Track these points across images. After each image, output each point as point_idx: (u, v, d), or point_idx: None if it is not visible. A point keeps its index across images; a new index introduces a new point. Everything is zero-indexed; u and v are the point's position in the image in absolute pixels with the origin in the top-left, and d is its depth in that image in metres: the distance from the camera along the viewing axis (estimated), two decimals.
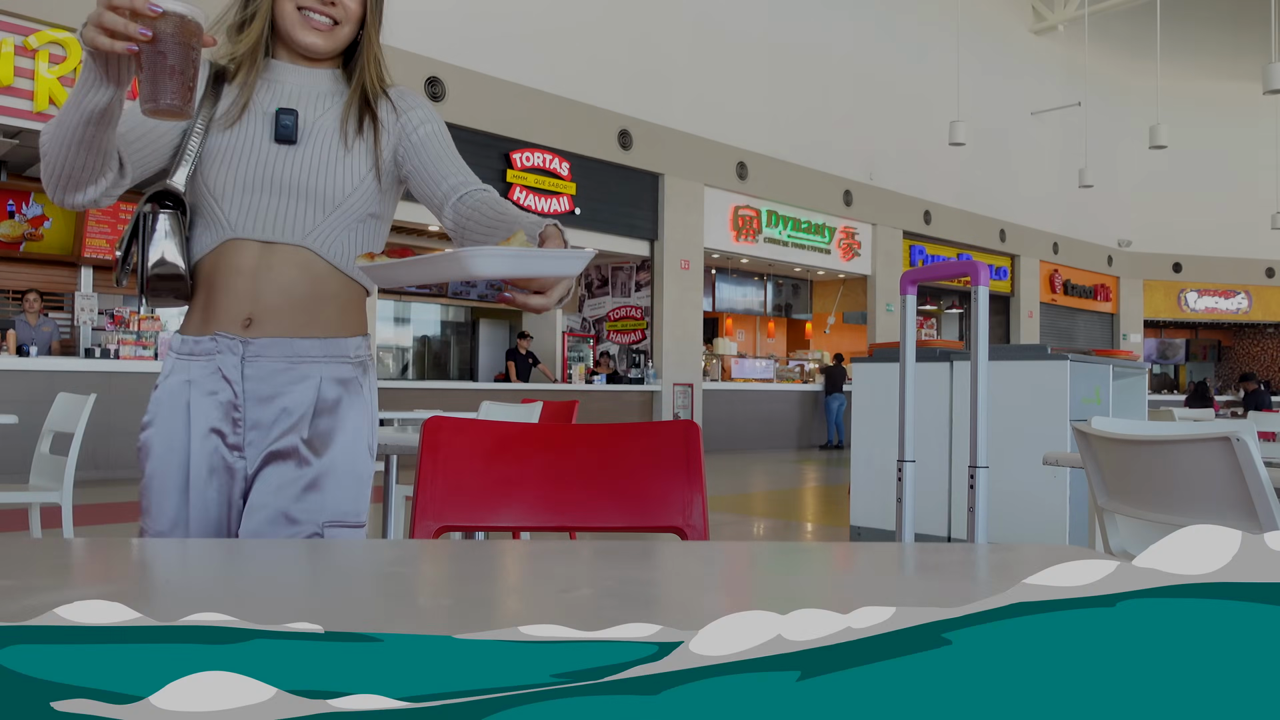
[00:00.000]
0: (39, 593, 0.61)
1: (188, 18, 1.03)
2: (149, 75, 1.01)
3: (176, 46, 1.02)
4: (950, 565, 0.75)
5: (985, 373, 2.07)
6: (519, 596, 0.63)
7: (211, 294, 1.31)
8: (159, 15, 1.00)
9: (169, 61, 1.02)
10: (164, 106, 1.02)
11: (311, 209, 1.33)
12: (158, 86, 1.02)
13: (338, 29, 1.35)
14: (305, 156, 1.33)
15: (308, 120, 1.36)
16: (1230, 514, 1.71)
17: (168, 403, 1.35)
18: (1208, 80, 18.33)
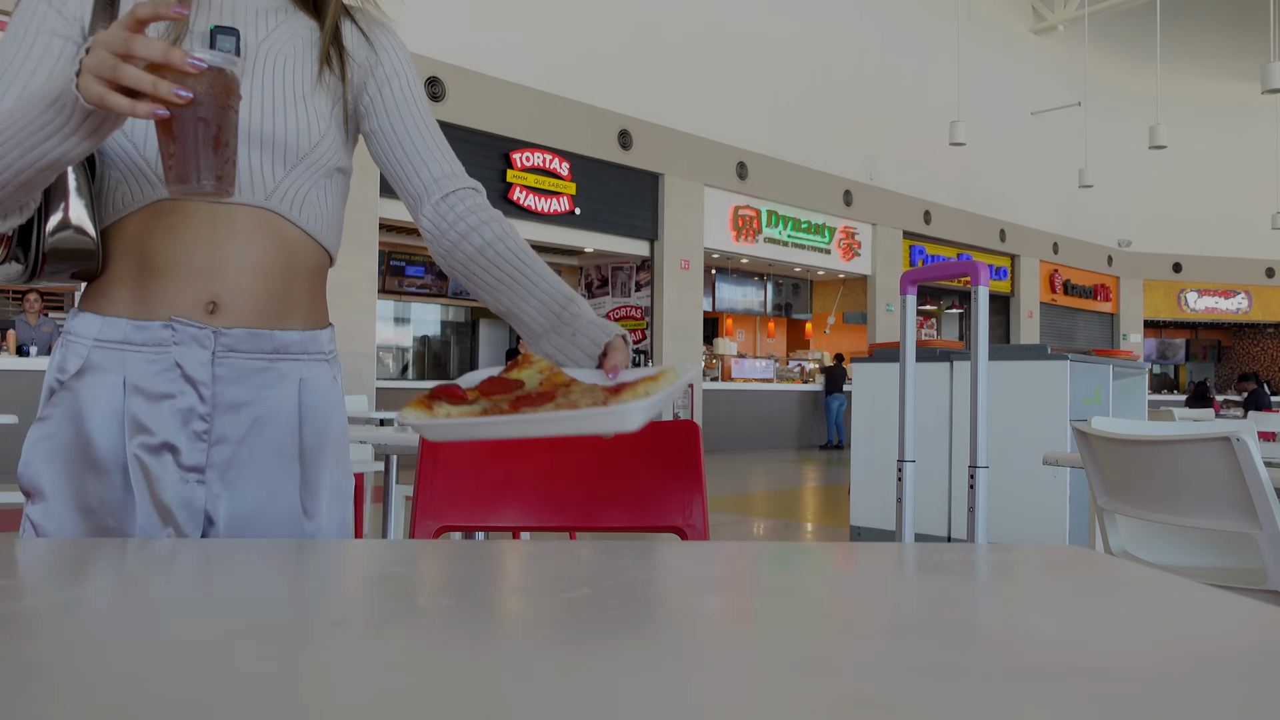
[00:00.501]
0: (39, 593, 0.61)
1: (226, 71, 0.83)
2: (180, 147, 0.81)
3: (216, 110, 0.82)
4: (950, 565, 0.75)
5: (985, 373, 2.07)
6: (519, 597, 0.63)
7: (147, 268, 1.01)
8: (200, 72, 0.80)
9: (210, 130, 0.82)
10: (201, 188, 0.82)
11: (270, 160, 1.05)
12: (191, 162, 0.82)
13: None
14: (255, 92, 1.04)
15: (250, 43, 1.06)
16: (1230, 514, 1.72)
17: (88, 409, 1.00)
18: (1208, 80, 18.33)
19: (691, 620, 0.58)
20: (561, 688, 0.43)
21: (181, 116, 0.80)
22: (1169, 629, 0.57)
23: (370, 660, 0.47)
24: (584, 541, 0.84)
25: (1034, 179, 16.58)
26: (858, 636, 0.54)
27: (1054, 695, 0.42)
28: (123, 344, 1.00)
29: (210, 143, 0.81)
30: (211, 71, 0.81)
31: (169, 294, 1.00)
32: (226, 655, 0.47)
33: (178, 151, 0.82)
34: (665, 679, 0.43)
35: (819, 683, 0.44)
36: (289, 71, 1.07)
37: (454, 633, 0.53)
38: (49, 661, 0.45)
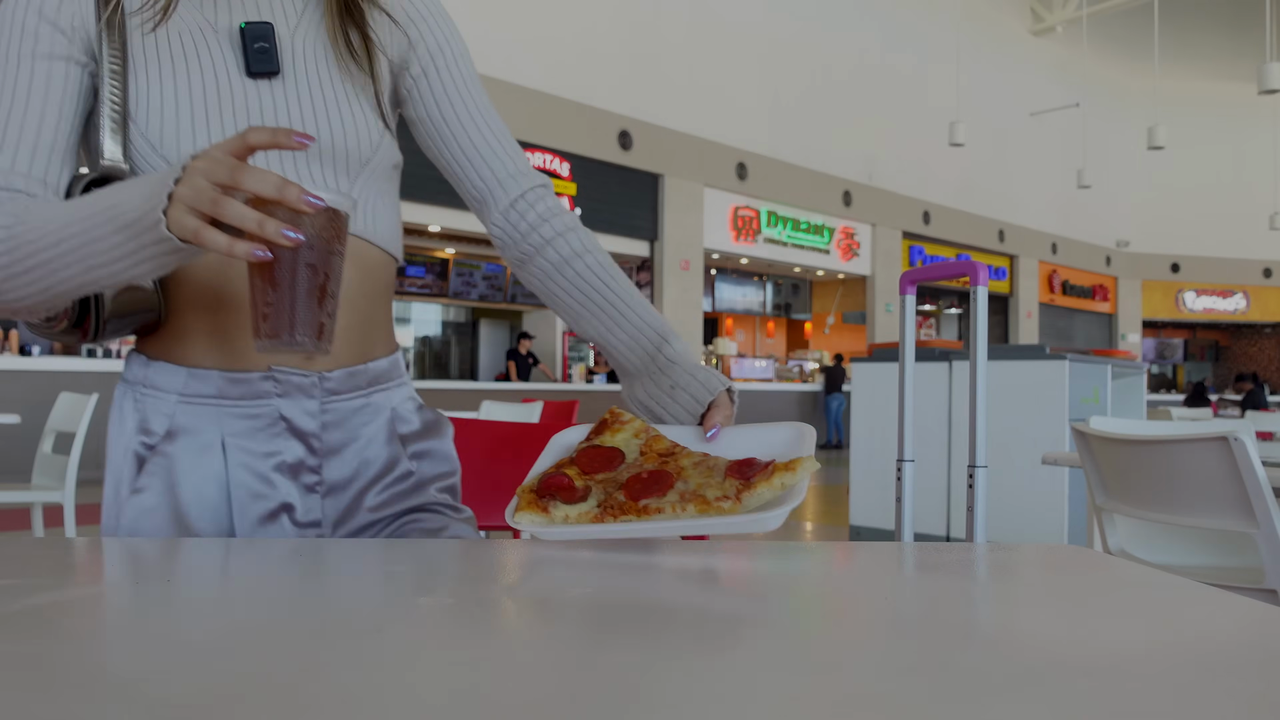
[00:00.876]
0: (39, 592, 0.61)
1: (340, 212, 0.72)
2: (279, 296, 0.70)
3: (324, 254, 0.71)
4: (949, 565, 0.75)
5: (984, 373, 2.07)
6: (519, 596, 0.64)
7: (228, 313, 0.88)
8: (315, 211, 0.69)
9: (315, 279, 0.70)
10: (297, 345, 0.71)
11: (333, 174, 0.91)
12: (287, 315, 0.70)
13: None
14: (299, 94, 0.89)
15: (281, 36, 0.91)
16: (1228, 513, 1.72)
17: (187, 476, 0.88)
18: (1206, 81, 18.34)
19: (691, 620, 0.58)
20: (561, 687, 0.43)
21: (284, 261, 0.69)
22: (1167, 628, 0.58)
23: (370, 660, 0.47)
24: (584, 542, 0.85)
25: (1033, 179, 16.58)
26: (857, 636, 0.55)
27: (1053, 695, 0.42)
28: (217, 399, 0.88)
29: (315, 292, 0.70)
30: (325, 210, 0.70)
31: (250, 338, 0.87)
32: (227, 655, 0.47)
33: (275, 301, 0.70)
34: (665, 679, 0.43)
35: (819, 682, 0.44)
36: (331, 64, 0.92)
37: (454, 633, 0.53)
38: (49, 660, 0.46)
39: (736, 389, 0.93)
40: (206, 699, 0.40)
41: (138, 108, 0.85)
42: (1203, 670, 0.47)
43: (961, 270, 2.15)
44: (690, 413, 0.91)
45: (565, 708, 0.39)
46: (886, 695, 0.42)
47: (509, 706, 0.40)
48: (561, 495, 0.77)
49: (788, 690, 0.42)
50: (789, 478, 0.72)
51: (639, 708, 0.39)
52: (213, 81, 0.87)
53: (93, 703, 0.40)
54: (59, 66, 0.84)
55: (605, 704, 0.40)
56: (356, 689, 0.43)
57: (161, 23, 0.86)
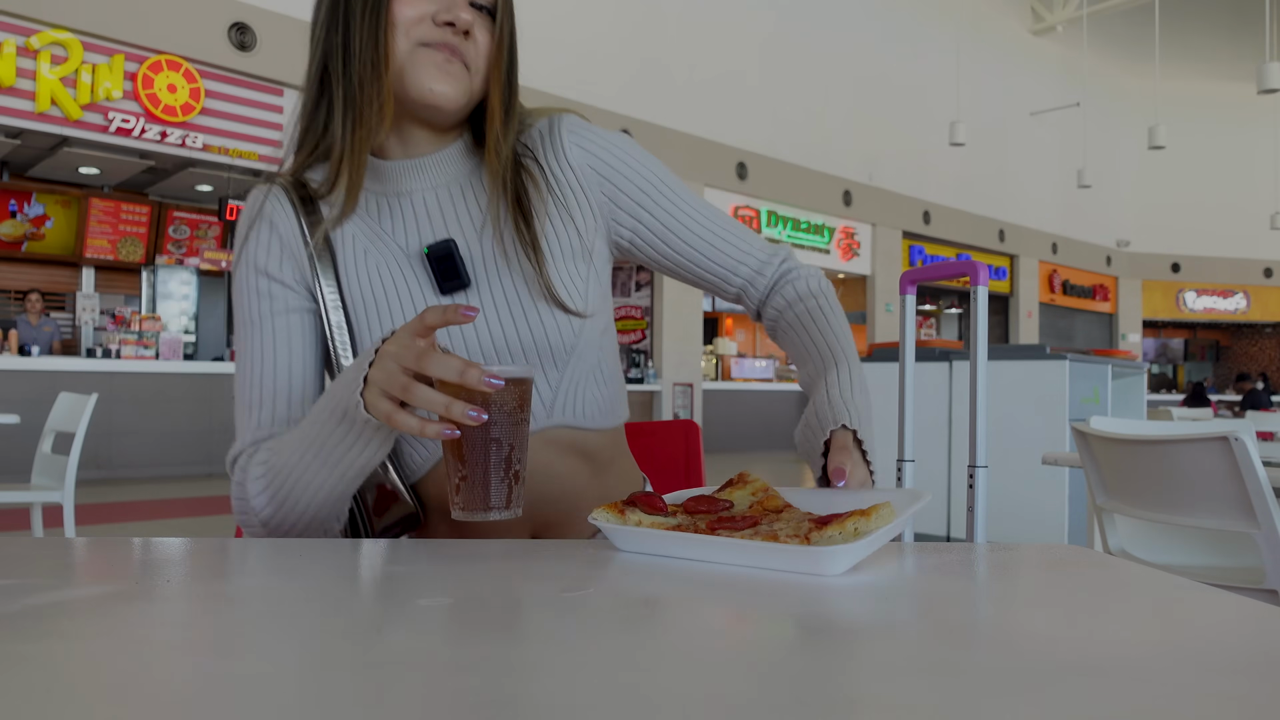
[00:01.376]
0: (39, 592, 0.61)
1: (523, 380, 0.75)
2: (470, 470, 0.73)
3: (509, 426, 0.74)
4: (949, 565, 0.75)
5: (984, 373, 2.07)
6: (520, 597, 0.64)
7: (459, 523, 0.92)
8: (495, 390, 0.72)
9: (501, 451, 0.74)
10: (489, 510, 0.74)
11: (537, 373, 0.94)
12: (480, 488, 0.74)
13: (469, 79, 0.93)
14: (495, 301, 0.92)
15: (469, 242, 0.94)
16: (1228, 513, 1.72)
17: None
18: (1206, 81, 18.33)
19: (691, 620, 0.58)
20: (561, 687, 0.43)
21: (472, 437, 0.73)
22: (1167, 628, 0.58)
23: (370, 660, 0.47)
24: (584, 541, 0.85)
25: (1033, 179, 16.58)
26: (858, 636, 0.54)
27: (1053, 694, 0.42)
28: None
29: (502, 464, 0.74)
30: (514, 385, 0.73)
31: (499, 534, 0.93)
32: (227, 655, 0.47)
33: (468, 474, 0.74)
34: (665, 679, 0.43)
35: (819, 682, 0.44)
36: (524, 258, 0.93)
37: (454, 632, 0.53)
38: (49, 660, 0.46)
39: (861, 430, 0.87)
40: (206, 699, 0.40)
41: (360, 340, 0.93)
42: (1203, 670, 0.47)
43: (961, 270, 2.15)
44: (812, 451, 0.88)
45: (565, 708, 0.39)
46: (887, 696, 0.42)
47: (509, 706, 0.40)
48: (644, 506, 0.78)
49: (788, 691, 0.42)
50: (863, 523, 0.70)
51: (638, 708, 0.39)
52: (411, 306, 0.92)
53: (93, 703, 0.40)
54: (294, 319, 0.93)
55: (605, 704, 0.40)
56: (357, 689, 0.43)
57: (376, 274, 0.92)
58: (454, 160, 0.97)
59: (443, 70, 0.91)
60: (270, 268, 0.93)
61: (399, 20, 0.89)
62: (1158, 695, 0.42)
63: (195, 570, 0.72)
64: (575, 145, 0.99)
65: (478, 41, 0.93)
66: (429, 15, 0.90)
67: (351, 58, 0.89)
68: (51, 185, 8.90)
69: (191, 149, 7.73)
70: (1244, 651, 0.52)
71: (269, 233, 0.94)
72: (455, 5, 0.91)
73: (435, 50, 0.90)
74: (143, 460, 7.67)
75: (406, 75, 0.90)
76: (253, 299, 0.93)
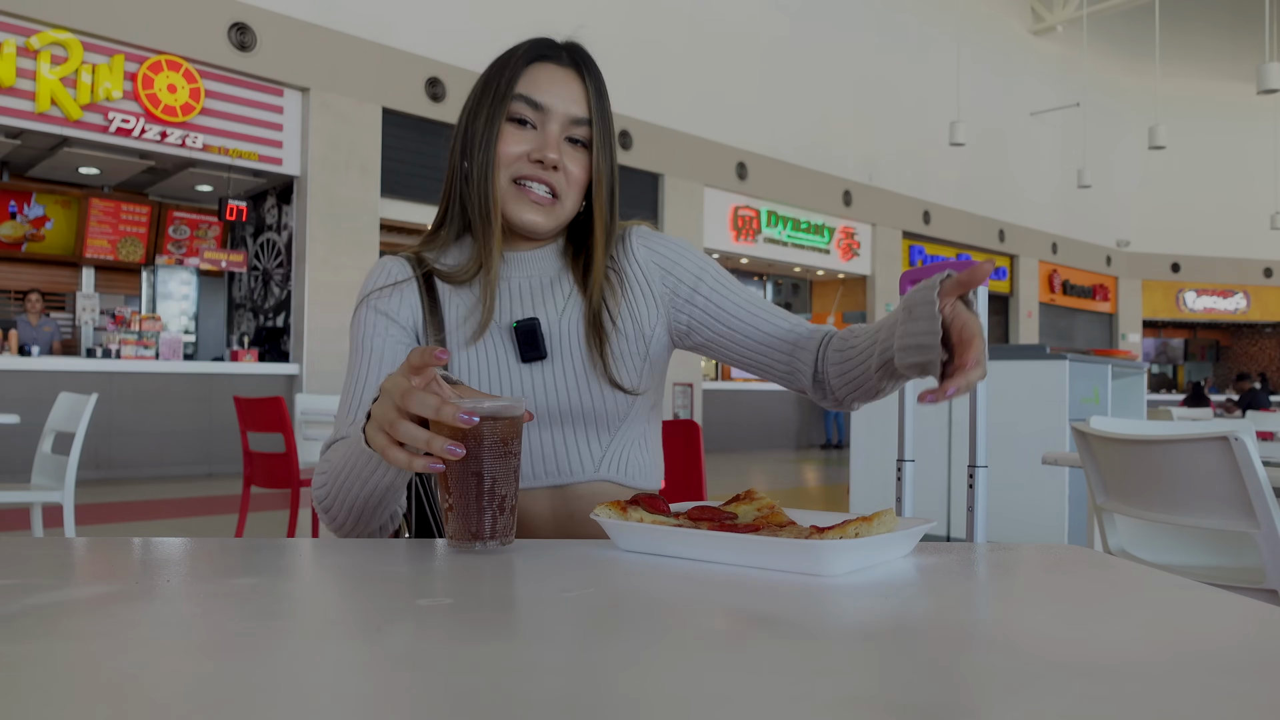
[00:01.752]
0: (39, 592, 0.61)
1: (508, 416, 0.80)
2: (456, 500, 0.79)
3: (493, 460, 0.79)
4: (949, 565, 0.75)
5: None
6: (519, 597, 0.64)
7: None
8: (474, 425, 0.77)
9: (484, 484, 0.78)
10: (474, 548, 0.79)
11: (594, 434, 1.11)
12: (465, 519, 0.79)
13: (559, 204, 1.11)
14: (562, 372, 1.10)
15: (550, 322, 1.12)
16: (1228, 513, 1.72)
17: None
18: (1206, 81, 18.33)
19: (692, 620, 0.58)
20: (561, 688, 0.43)
21: (456, 470, 0.78)
22: (1167, 628, 0.58)
23: (370, 660, 0.47)
24: (584, 541, 0.85)
25: (1033, 179, 16.58)
26: (858, 636, 0.54)
27: (1053, 695, 0.42)
28: None
29: (485, 496, 0.78)
30: (496, 420, 0.78)
31: None
32: (227, 655, 0.47)
33: (454, 504, 0.79)
34: (665, 679, 0.43)
35: (819, 683, 0.44)
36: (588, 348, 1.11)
37: (454, 632, 0.53)
38: (46, 661, 0.45)
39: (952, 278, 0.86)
40: (206, 699, 0.40)
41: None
42: (1203, 670, 0.47)
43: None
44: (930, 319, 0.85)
45: (565, 708, 0.39)
46: (887, 696, 0.42)
47: (509, 706, 0.40)
48: (647, 507, 0.80)
49: (789, 691, 0.42)
50: (864, 528, 0.71)
51: (638, 708, 0.39)
52: (493, 367, 1.10)
53: (93, 703, 0.40)
54: (401, 350, 1.10)
55: (604, 704, 0.40)
56: (357, 689, 0.43)
57: (473, 341, 1.10)
58: (548, 259, 1.17)
59: (534, 203, 1.10)
60: (389, 309, 1.12)
61: (502, 157, 1.10)
62: (1158, 695, 0.42)
63: (195, 570, 0.72)
64: (643, 247, 1.18)
65: (568, 172, 1.11)
66: (525, 154, 1.10)
67: (470, 185, 1.11)
68: (51, 185, 8.90)
69: (191, 149, 7.73)
70: (1244, 651, 0.52)
71: (393, 289, 1.14)
72: (547, 145, 1.09)
73: (529, 185, 1.10)
74: (142, 460, 7.67)
75: (506, 205, 1.11)
76: (370, 330, 1.11)
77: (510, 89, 1.11)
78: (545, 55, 1.16)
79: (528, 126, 1.11)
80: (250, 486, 3.90)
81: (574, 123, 1.12)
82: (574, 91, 1.13)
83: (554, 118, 1.11)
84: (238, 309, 9.53)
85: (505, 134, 1.10)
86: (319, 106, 8.31)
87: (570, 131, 1.12)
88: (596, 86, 1.15)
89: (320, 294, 8.35)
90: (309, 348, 8.31)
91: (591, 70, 1.16)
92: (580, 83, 1.14)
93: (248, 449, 3.88)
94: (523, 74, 1.13)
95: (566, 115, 1.11)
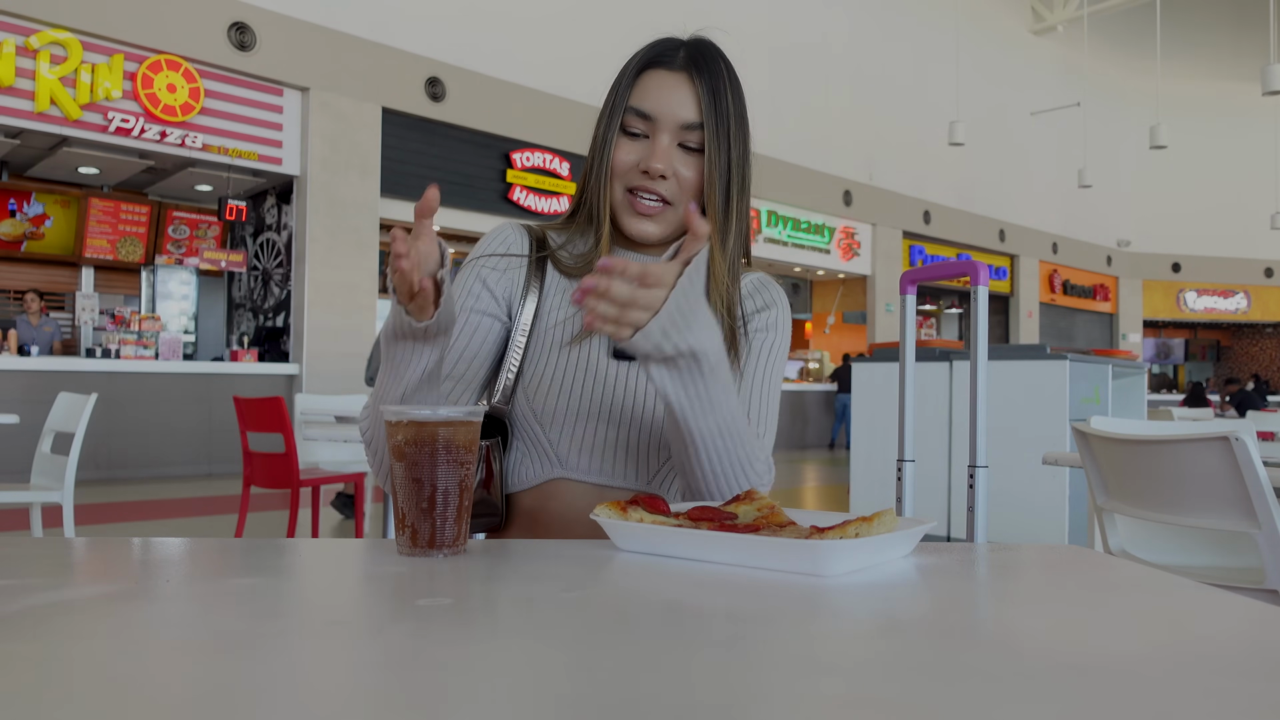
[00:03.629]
0: (39, 592, 0.61)
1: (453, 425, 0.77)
2: (406, 503, 0.76)
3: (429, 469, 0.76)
4: (950, 565, 0.75)
5: (985, 372, 2.07)
6: (519, 597, 0.63)
7: (536, 526, 1.11)
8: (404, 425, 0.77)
9: (424, 491, 0.76)
10: (413, 544, 0.76)
11: (654, 445, 1.10)
12: (416, 526, 0.76)
13: (671, 209, 1.11)
14: (647, 381, 1.09)
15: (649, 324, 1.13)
16: (1228, 513, 1.72)
17: None
18: (1207, 81, 18.33)
19: (691, 620, 0.58)
20: (561, 687, 0.43)
21: (400, 475, 0.76)
22: (1168, 628, 0.57)
23: (370, 660, 0.47)
24: (584, 541, 0.84)
25: (1033, 179, 16.58)
26: (858, 636, 0.54)
27: (1054, 695, 0.42)
28: None
29: (424, 503, 0.75)
30: (425, 424, 0.76)
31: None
32: (227, 654, 0.47)
33: (399, 511, 0.77)
34: (665, 678, 0.43)
35: (819, 683, 0.44)
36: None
37: (454, 633, 0.53)
38: (46, 661, 0.45)
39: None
40: (206, 699, 0.40)
41: (529, 373, 1.11)
42: (1203, 670, 0.46)
43: (962, 270, 2.15)
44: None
45: (565, 707, 0.39)
46: (887, 695, 0.42)
47: (509, 706, 0.40)
48: (647, 507, 0.80)
49: (789, 691, 0.42)
50: (864, 528, 0.71)
51: (638, 708, 0.39)
52: (583, 361, 1.10)
53: (92, 703, 0.40)
54: (486, 321, 1.12)
55: (604, 703, 0.40)
56: (357, 689, 0.43)
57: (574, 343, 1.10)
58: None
59: (642, 214, 1.11)
60: (490, 279, 1.13)
61: (616, 167, 1.11)
62: (1158, 695, 0.42)
63: (195, 570, 0.72)
64: (754, 293, 1.22)
65: (680, 177, 1.10)
66: (636, 164, 1.10)
67: (593, 191, 1.13)
68: (51, 185, 8.90)
69: (191, 149, 7.73)
70: (1244, 651, 0.52)
71: (504, 259, 1.15)
72: (654, 155, 1.09)
73: (639, 196, 1.10)
74: (142, 460, 7.67)
75: (619, 215, 1.12)
76: (463, 294, 1.12)
77: (623, 100, 1.13)
78: (658, 61, 1.16)
79: (640, 137, 1.11)
80: (250, 486, 3.90)
81: (685, 128, 1.11)
82: (683, 96, 1.12)
83: (663, 127, 1.11)
84: (237, 309, 9.53)
85: (619, 146, 1.11)
86: (319, 106, 8.31)
87: (682, 138, 1.11)
88: (711, 86, 1.13)
89: (320, 294, 8.36)
90: (309, 348, 8.31)
91: (706, 70, 1.14)
92: (690, 86, 1.12)
93: (247, 449, 3.88)
94: (635, 83, 1.14)
95: (676, 122, 1.11)
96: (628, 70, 1.15)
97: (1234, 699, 0.42)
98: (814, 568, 0.67)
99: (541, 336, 1.12)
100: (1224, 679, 0.45)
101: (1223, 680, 0.45)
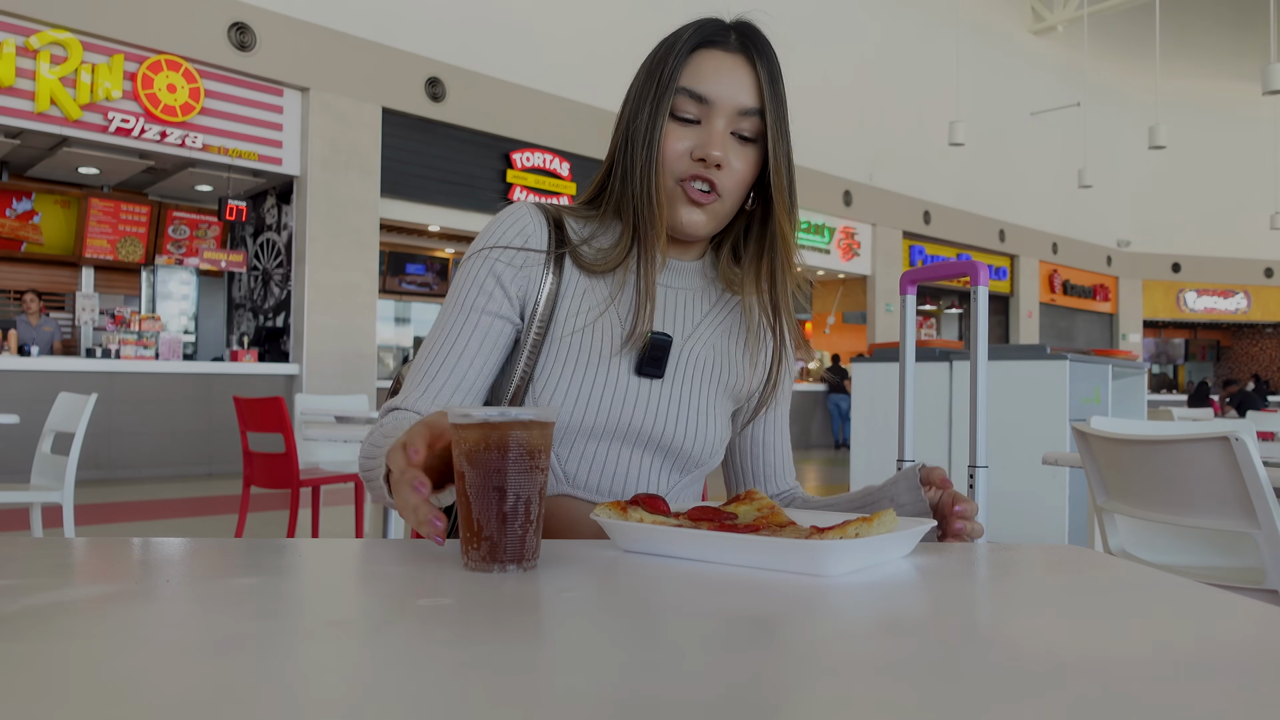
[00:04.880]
0: (39, 592, 0.61)
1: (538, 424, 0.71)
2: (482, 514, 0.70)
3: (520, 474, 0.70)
4: (950, 565, 0.75)
5: (985, 373, 2.07)
6: (518, 597, 0.63)
7: (556, 530, 1.03)
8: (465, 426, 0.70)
9: (506, 500, 0.70)
10: (478, 559, 0.70)
11: (667, 469, 1.05)
12: (491, 533, 0.70)
13: (719, 201, 1.03)
14: (671, 399, 1.03)
15: (678, 342, 1.05)
16: (1229, 513, 1.72)
17: None
18: (1207, 81, 18.33)
19: (691, 620, 0.58)
20: (560, 687, 0.43)
21: (474, 483, 0.70)
22: (1168, 628, 0.57)
23: (370, 660, 0.47)
24: (584, 541, 0.84)
25: (1033, 179, 16.57)
26: (858, 636, 0.54)
27: (1054, 695, 0.42)
28: None
29: (510, 513, 0.70)
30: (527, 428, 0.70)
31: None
32: (227, 655, 0.47)
33: (477, 522, 0.70)
34: (664, 679, 0.43)
35: (819, 683, 0.44)
36: (706, 377, 1.07)
37: (454, 633, 0.53)
38: (49, 660, 0.45)
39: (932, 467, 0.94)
40: (206, 699, 0.40)
41: (540, 377, 1.02)
42: (1203, 670, 0.46)
43: (962, 270, 2.15)
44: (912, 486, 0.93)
45: (564, 707, 0.39)
46: (887, 695, 0.42)
47: (508, 705, 0.40)
48: (646, 507, 0.79)
49: (789, 691, 0.42)
50: (864, 528, 0.70)
51: (637, 707, 0.39)
52: (604, 372, 1.01)
53: (92, 703, 0.40)
54: (498, 324, 1.02)
55: (604, 703, 0.40)
56: (358, 689, 0.43)
57: (587, 326, 1.02)
58: (693, 274, 1.11)
59: (693, 202, 1.02)
60: (504, 276, 1.03)
61: (667, 154, 1.01)
62: (1158, 695, 0.42)
63: (195, 570, 0.72)
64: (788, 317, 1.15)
65: (732, 168, 1.02)
66: (688, 151, 1.01)
67: (630, 183, 1.02)
68: (51, 185, 8.90)
69: (191, 149, 7.73)
70: (1244, 651, 0.52)
71: (520, 254, 1.04)
72: (711, 142, 1.01)
73: (691, 184, 1.02)
74: (142, 460, 7.66)
75: (667, 205, 1.03)
76: (477, 291, 1.02)
77: (673, 81, 1.01)
78: (711, 40, 1.03)
79: (691, 123, 1.01)
80: (250, 487, 3.90)
81: (742, 114, 1.01)
82: (742, 79, 1.02)
83: (720, 111, 1.01)
84: (237, 309, 9.52)
85: (669, 132, 1.01)
86: (319, 106, 8.31)
87: (737, 125, 1.02)
88: (770, 72, 1.03)
89: (320, 294, 8.36)
90: (309, 348, 8.31)
91: (764, 54, 1.04)
92: (750, 69, 1.02)
93: (247, 449, 3.88)
94: (686, 63, 1.02)
95: (734, 107, 1.01)
96: (677, 49, 1.02)
97: (1234, 699, 0.42)
98: (814, 568, 0.67)
99: (557, 342, 1.02)
100: (1224, 679, 0.45)
101: (1223, 680, 0.45)
